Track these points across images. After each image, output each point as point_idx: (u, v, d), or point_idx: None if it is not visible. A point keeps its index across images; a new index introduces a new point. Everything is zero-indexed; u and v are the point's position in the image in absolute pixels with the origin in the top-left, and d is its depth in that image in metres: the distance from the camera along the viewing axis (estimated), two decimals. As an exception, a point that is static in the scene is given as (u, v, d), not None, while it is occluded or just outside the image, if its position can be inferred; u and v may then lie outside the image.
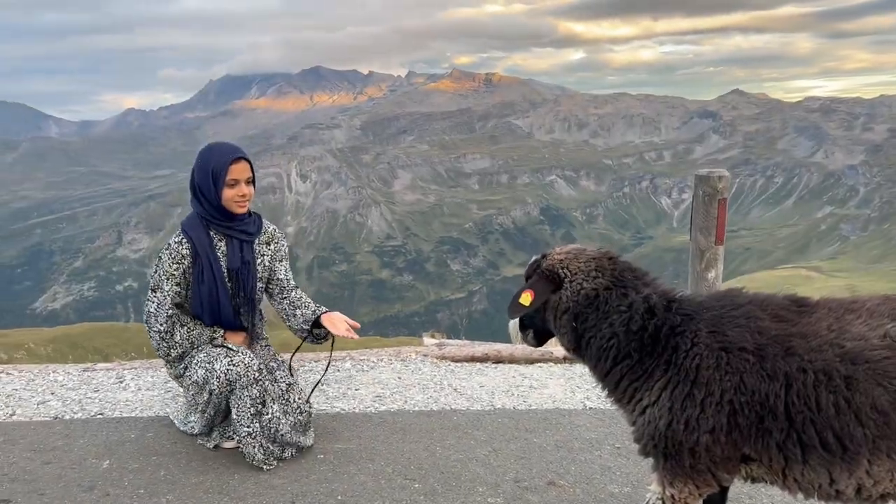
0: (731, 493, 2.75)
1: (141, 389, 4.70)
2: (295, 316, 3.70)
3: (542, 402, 4.48)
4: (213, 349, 3.52)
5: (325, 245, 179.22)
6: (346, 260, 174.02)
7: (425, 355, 5.38)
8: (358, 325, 3.62)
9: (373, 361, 5.29)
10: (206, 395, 3.53)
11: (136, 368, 5.13)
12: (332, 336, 3.62)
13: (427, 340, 6.11)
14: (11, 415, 4.29)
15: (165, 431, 3.97)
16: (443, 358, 5.34)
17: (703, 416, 2.22)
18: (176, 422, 3.92)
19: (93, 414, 4.30)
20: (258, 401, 3.45)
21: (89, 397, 4.58)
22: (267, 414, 3.47)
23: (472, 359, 5.32)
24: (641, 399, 2.39)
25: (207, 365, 3.45)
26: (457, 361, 5.29)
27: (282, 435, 3.51)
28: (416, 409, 4.36)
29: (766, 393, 2.15)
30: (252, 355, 3.52)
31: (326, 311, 3.68)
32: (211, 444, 3.69)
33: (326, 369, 4.31)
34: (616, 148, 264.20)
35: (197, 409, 3.64)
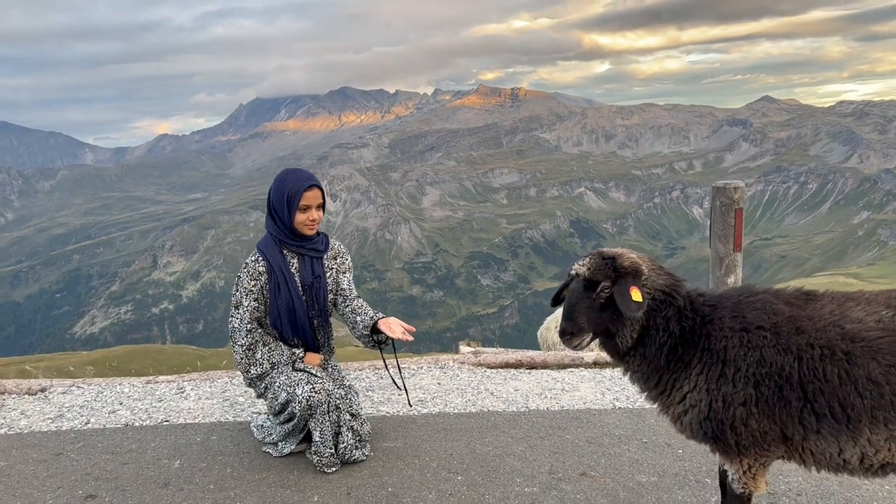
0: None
1: (201, 398, 5.09)
2: (356, 323, 3.95)
3: (573, 403, 4.76)
4: (294, 373, 3.83)
5: (355, 263, 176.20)
6: (377, 277, 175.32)
7: (462, 363, 5.69)
8: (413, 329, 3.88)
9: (413, 369, 5.62)
10: (286, 416, 3.85)
11: (194, 380, 5.52)
12: (392, 340, 3.85)
13: (463, 349, 6.43)
14: (86, 423, 4.69)
15: (228, 435, 4.34)
16: (479, 365, 5.65)
17: (735, 390, 2.53)
18: (255, 430, 4.23)
19: (159, 421, 4.69)
20: (336, 425, 3.79)
21: (154, 406, 4.97)
22: (343, 443, 3.80)
23: (507, 365, 5.62)
24: (682, 387, 2.66)
25: (289, 389, 3.75)
26: (492, 368, 5.60)
27: (353, 460, 3.85)
28: (456, 411, 4.67)
29: (781, 364, 2.46)
30: (331, 382, 3.85)
31: (383, 317, 3.90)
32: (275, 454, 3.99)
33: (400, 372, 4.58)
34: (645, 158, 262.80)
35: (276, 423, 3.97)
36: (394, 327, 3.82)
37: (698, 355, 2.61)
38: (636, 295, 2.64)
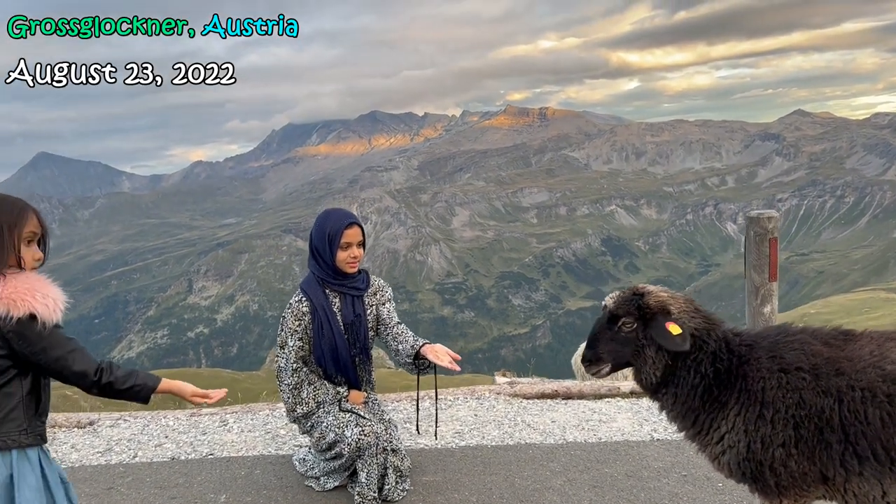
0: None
1: (244, 431, 5.20)
2: (398, 352, 4.00)
3: (611, 435, 4.77)
4: (342, 413, 3.89)
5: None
6: (407, 299, 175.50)
7: (498, 393, 5.73)
8: (459, 357, 3.88)
9: (450, 400, 5.67)
10: (332, 454, 3.92)
11: (237, 412, 5.64)
12: (435, 366, 3.88)
13: (499, 379, 6.47)
14: (134, 457, 4.83)
15: (271, 468, 4.44)
16: (515, 395, 5.69)
17: (773, 431, 2.53)
18: (297, 464, 4.33)
19: (204, 454, 4.80)
20: (382, 467, 3.86)
21: (199, 439, 5.09)
22: (387, 485, 3.87)
23: (543, 395, 5.65)
24: (719, 427, 2.67)
25: (337, 430, 3.81)
26: (528, 398, 5.63)
27: (394, 499, 3.91)
28: (494, 444, 4.71)
29: (821, 407, 2.45)
30: (379, 424, 3.90)
31: (427, 343, 3.89)
32: (318, 488, 4.08)
33: (437, 402, 4.63)
34: (676, 175, 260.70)
35: (321, 459, 4.05)
36: (440, 355, 3.79)
37: (735, 396, 2.62)
38: (674, 329, 2.66)
